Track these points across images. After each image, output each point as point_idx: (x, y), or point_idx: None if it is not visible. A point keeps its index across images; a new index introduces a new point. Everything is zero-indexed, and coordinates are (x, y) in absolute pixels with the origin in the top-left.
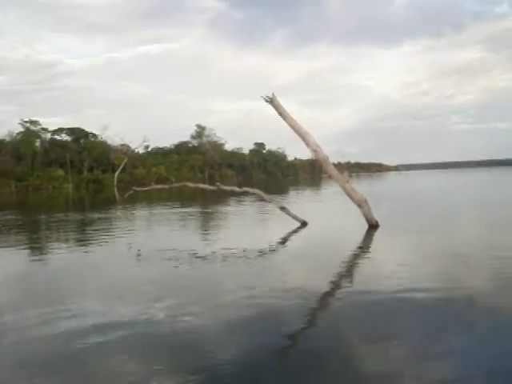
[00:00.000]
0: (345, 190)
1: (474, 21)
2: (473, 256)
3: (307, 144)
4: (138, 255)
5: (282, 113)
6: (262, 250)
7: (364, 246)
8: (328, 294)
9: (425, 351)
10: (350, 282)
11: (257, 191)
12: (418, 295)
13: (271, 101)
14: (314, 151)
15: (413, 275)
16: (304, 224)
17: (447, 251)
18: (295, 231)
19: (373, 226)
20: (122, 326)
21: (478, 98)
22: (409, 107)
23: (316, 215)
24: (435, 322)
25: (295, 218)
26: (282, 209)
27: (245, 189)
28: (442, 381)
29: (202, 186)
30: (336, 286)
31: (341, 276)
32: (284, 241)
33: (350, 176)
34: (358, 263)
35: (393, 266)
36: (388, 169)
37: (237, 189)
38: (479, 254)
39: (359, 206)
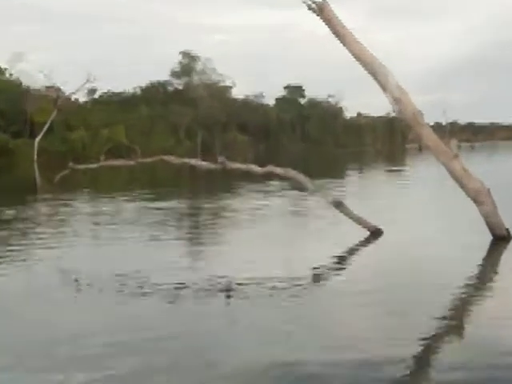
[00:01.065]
0: (451, 171)
1: None
2: None
3: (384, 87)
4: (76, 284)
5: (339, 31)
6: (299, 283)
7: (485, 278)
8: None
9: None
10: (463, 352)
11: (292, 173)
12: None
13: (320, 9)
14: (397, 100)
15: None
16: (376, 233)
17: None
18: (360, 246)
19: (501, 238)
20: None
21: None
22: None
23: (397, 217)
24: None
25: (360, 221)
26: (338, 205)
27: (270, 168)
28: None
29: (193, 162)
30: (440, 355)
31: (444, 339)
32: (339, 265)
33: (460, 147)
34: (474, 316)
35: None
36: None
37: (256, 168)
38: None
39: (476, 200)
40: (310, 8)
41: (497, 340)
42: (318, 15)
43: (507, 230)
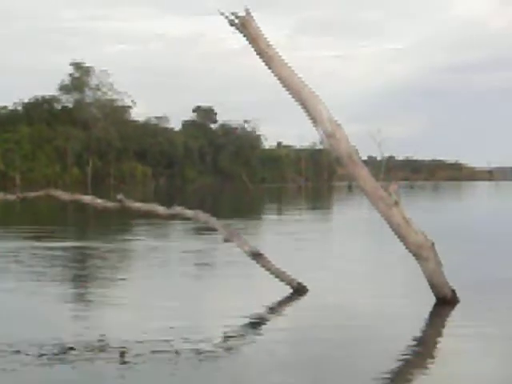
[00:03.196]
0: (389, 220)
1: None
2: None
3: (314, 120)
4: None
5: (264, 50)
6: (201, 348)
7: (423, 349)
8: None
9: None
10: None
11: (203, 216)
12: None
13: (243, 25)
14: (330, 136)
15: None
16: (300, 290)
17: None
18: (280, 307)
19: (444, 301)
20: None
21: None
22: None
23: (325, 271)
24: None
25: (282, 277)
26: (256, 256)
27: (177, 210)
28: None
29: (86, 199)
30: None
31: None
32: (253, 329)
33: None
34: None
35: None
36: (472, 175)
37: (160, 209)
38: None
39: (417, 256)
40: (231, 24)
41: None
42: (240, 32)
43: (453, 291)
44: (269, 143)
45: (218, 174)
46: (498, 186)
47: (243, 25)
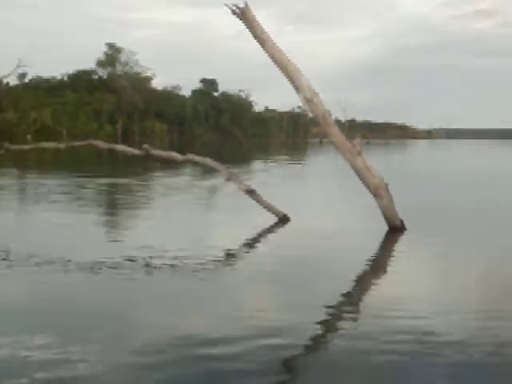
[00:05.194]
0: (354, 167)
1: None
2: None
3: (298, 88)
4: (4, 258)
5: (258, 34)
6: (214, 262)
7: (379, 262)
8: (312, 346)
9: None
10: (350, 325)
11: (209, 161)
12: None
13: (242, 13)
14: (308, 101)
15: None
16: (284, 219)
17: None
18: (268, 230)
19: (395, 229)
20: None
21: None
22: (456, 35)
23: (303, 206)
24: None
25: (270, 208)
26: (250, 193)
27: (190, 156)
28: None
29: (119, 147)
30: (326, 330)
31: (336, 314)
32: (249, 246)
33: (369, 143)
34: (364, 292)
35: (421, 298)
36: (415, 135)
37: (178, 156)
38: None
39: (375, 194)
40: (233, 12)
41: (385, 312)
42: (240, 19)
43: (401, 221)
44: (258, 108)
45: (219, 132)
46: (435, 143)
47: (243, 14)
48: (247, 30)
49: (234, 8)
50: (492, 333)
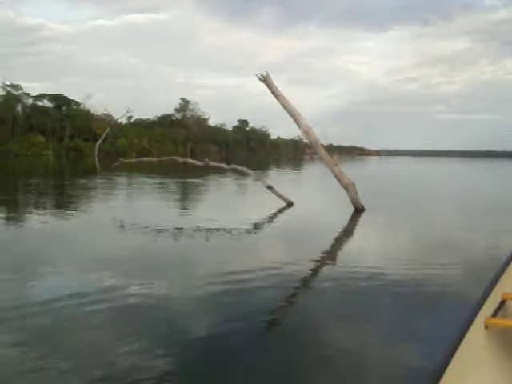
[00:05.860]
0: (333, 172)
1: (463, 11)
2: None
3: (299, 125)
4: (121, 226)
5: (274, 92)
6: (247, 228)
7: (348, 229)
8: (305, 274)
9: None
10: (330, 262)
11: (245, 169)
12: (388, 277)
13: (265, 79)
14: (306, 132)
15: (389, 256)
16: (290, 204)
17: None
18: (281, 211)
19: (358, 210)
20: (93, 298)
21: (464, 89)
22: (395, 93)
23: (302, 196)
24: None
25: (281, 197)
26: (269, 188)
27: (233, 166)
28: None
29: (190, 161)
30: (315, 266)
31: (322, 257)
32: (269, 220)
33: (340, 159)
34: (340, 245)
35: (372, 248)
36: (369, 153)
37: (225, 166)
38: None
39: (346, 189)
40: (259, 79)
41: (356, 261)
42: (263, 82)
43: (362, 205)
44: (273, 136)
45: (249, 151)
46: (382, 158)
47: (265, 79)
48: (267, 89)
49: (260, 76)
50: (417, 272)
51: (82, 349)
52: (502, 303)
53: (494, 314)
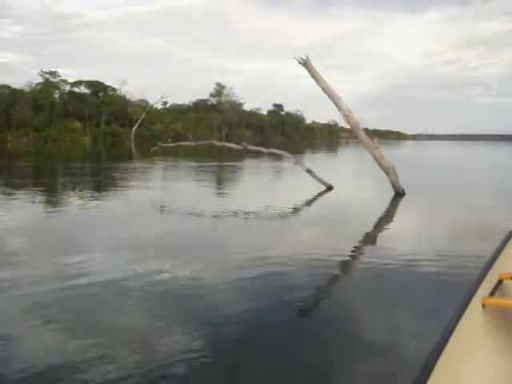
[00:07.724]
0: (373, 156)
1: None
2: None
3: (339, 108)
4: (161, 210)
5: (314, 75)
6: (287, 212)
7: (388, 213)
8: (343, 258)
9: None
10: (369, 247)
11: (284, 153)
12: (425, 263)
13: (305, 63)
14: (346, 116)
15: (428, 242)
16: (329, 188)
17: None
18: (320, 194)
19: (399, 194)
20: (127, 282)
21: (504, 71)
22: (431, 77)
23: (341, 180)
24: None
25: (321, 181)
26: (309, 171)
27: (271, 150)
28: None
29: (228, 144)
30: (353, 250)
31: (361, 241)
32: (308, 203)
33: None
34: (380, 229)
35: (412, 234)
36: (405, 137)
37: (264, 149)
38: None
39: (386, 173)
40: (299, 62)
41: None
42: (303, 66)
43: (403, 189)
44: (308, 121)
45: (283, 136)
46: (418, 143)
47: (305, 63)
48: (307, 72)
49: (300, 59)
50: (451, 253)
51: (123, 329)
52: (500, 283)
53: (492, 294)
